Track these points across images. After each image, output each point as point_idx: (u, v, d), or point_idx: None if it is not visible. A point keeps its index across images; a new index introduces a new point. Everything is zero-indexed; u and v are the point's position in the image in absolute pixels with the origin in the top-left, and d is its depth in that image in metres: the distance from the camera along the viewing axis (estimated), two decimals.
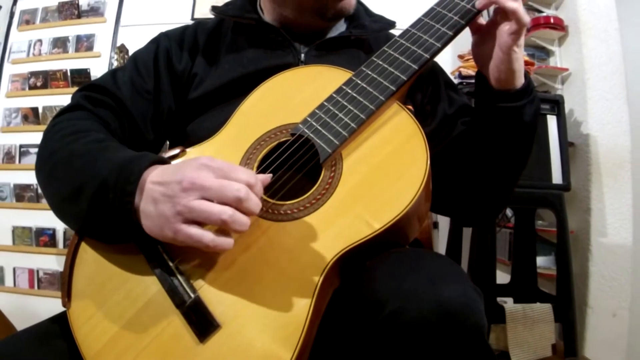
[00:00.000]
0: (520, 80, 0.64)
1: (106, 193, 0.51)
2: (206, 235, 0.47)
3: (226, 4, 0.80)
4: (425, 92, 0.76)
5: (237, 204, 0.47)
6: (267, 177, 0.52)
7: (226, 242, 0.48)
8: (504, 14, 0.62)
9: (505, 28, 0.61)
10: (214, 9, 0.78)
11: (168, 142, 0.77)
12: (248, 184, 0.48)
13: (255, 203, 0.48)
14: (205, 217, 0.47)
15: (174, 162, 0.59)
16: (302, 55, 0.75)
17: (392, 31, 0.81)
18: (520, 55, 0.62)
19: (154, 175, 0.51)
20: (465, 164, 0.67)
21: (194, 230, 0.47)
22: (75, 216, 0.56)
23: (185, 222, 0.47)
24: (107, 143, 0.59)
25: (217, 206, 0.47)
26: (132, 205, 0.50)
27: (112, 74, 0.73)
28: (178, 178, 0.48)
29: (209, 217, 0.46)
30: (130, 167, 0.52)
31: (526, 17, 0.60)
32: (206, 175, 0.47)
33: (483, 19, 0.66)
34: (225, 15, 0.78)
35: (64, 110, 0.68)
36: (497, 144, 0.66)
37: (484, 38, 0.66)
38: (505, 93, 0.63)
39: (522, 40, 0.61)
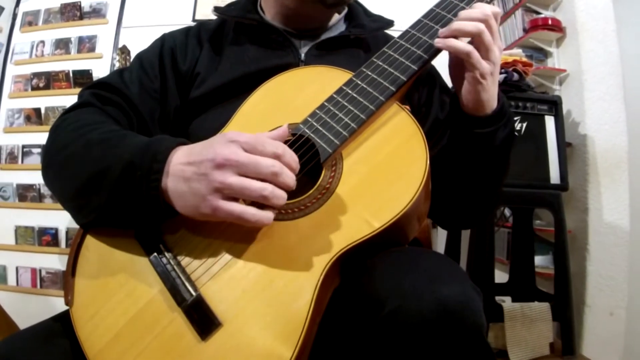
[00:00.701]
0: (490, 108, 0.62)
1: (133, 172, 0.51)
2: (248, 211, 0.48)
3: (228, 5, 0.81)
4: (421, 95, 0.76)
5: (273, 179, 0.48)
6: (284, 129, 0.53)
7: (267, 216, 0.48)
8: None
9: (465, 62, 0.59)
10: (217, 9, 0.79)
11: None
12: (276, 155, 0.48)
13: (289, 176, 0.49)
14: (247, 194, 0.47)
15: None
16: (303, 55, 0.75)
17: (391, 32, 0.81)
18: (489, 85, 0.60)
19: (181, 156, 0.51)
20: (445, 175, 0.66)
21: (236, 207, 0.48)
22: (94, 205, 0.54)
23: (224, 199, 0.48)
24: (125, 131, 0.59)
25: (257, 183, 0.47)
26: (160, 183, 0.50)
27: (119, 73, 0.73)
28: (210, 156, 0.48)
29: (251, 193, 0.47)
30: (156, 147, 0.52)
31: (465, 49, 0.58)
32: (237, 151, 0.48)
33: None
34: (227, 15, 0.79)
35: (73, 107, 0.67)
36: (470, 164, 0.65)
37: (457, 62, 0.63)
38: (475, 119, 0.62)
39: (485, 70, 0.58)
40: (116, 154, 0.53)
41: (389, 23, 0.81)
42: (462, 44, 0.58)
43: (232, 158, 0.47)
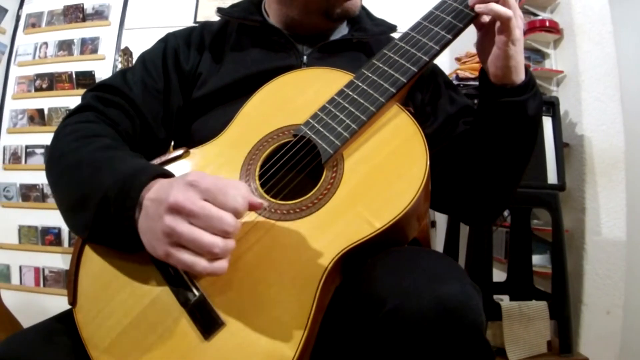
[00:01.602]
0: (519, 77, 0.63)
1: (108, 206, 0.51)
2: (199, 263, 0.45)
3: (231, 6, 0.81)
4: (425, 94, 0.76)
5: (225, 236, 0.45)
6: (260, 202, 0.47)
7: (219, 267, 0.45)
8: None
9: (499, 26, 0.61)
10: (220, 10, 0.79)
11: (173, 142, 0.77)
12: (235, 211, 0.45)
13: (238, 230, 0.46)
14: (196, 247, 0.44)
15: (177, 162, 0.59)
16: (305, 57, 0.75)
17: (392, 34, 0.81)
18: (517, 52, 0.61)
19: (152, 192, 0.49)
20: (469, 162, 0.66)
21: (186, 257, 0.45)
22: (83, 226, 0.55)
23: (175, 246, 0.45)
24: (113, 152, 0.59)
25: (208, 237, 0.44)
26: (133, 220, 0.50)
27: (122, 74, 0.72)
28: (165, 196, 0.46)
29: (200, 248, 0.44)
30: (130, 181, 0.51)
31: (507, 13, 0.59)
32: (192, 197, 0.45)
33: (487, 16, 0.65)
34: (230, 16, 0.78)
35: (75, 111, 0.67)
36: (501, 139, 0.65)
37: (485, 34, 0.66)
38: (504, 88, 0.63)
39: (516, 37, 0.60)
40: (97, 182, 0.53)
41: (392, 27, 0.80)
42: (504, 8, 0.59)
43: (186, 206, 0.44)
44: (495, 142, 0.66)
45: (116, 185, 0.51)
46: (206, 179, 0.46)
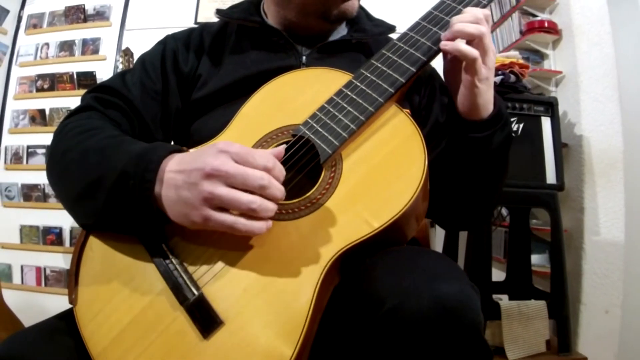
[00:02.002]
0: (486, 112, 0.61)
1: (126, 181, 0.51)
2: (239, 221, 0.47)
3: (231, 7, 0.80)
4: (422, 97, 0.75)
5: (261, 191, 0.47)
6: (280, 150, 0.52)
7: (258, 225, 0.48)
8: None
9: (465, 65, 0.59)
10: (219, 12, 0.78)
11: (173, 142, 0.77)
12: (266, 168, 0.48)
13: (277, 189, 0.48)
14: (235, 206, 0.47)
15: None
16: (304, 57, 0.75)
17: (391, 35, 0.81)
18: (485, 90, 0.59)
19: (173, 164, 0.51)
20: (444, 178, 0.65)
21: (226, 217, 0.47)
22: (92, 210, 0.55)
23: (213, 208, 0.48)
24: (121, 137, 0.59)
25: (246, 195, 0.47)
26: (152, 192, 0.50)
27: (121, 76, 0.73)
28: (199, 165, 0.48)
29: (239, 206, 0.47)
30: (148, 156, 0.52)
31: (472, 54, 0.57)
32: (226, 161, 0.48)
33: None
34: (229, 18, 0.78)
35: (75, 111, 0.67)
36: (467, 167, 0.65)
37: (453, 67, 0.63)
38: (471, 123, 0.62)
39: (484, 75, 0.58)
40: (111, 163, 0.53)
41: (391, 28, 0.80)
42: (471, 48, 0.57)
43: (222, 169, 0.47)
44: (463, 168, 0.65)
45: (132, 161, 0.52)
46: (234, 145, 0.49)
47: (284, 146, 0.54)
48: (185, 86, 0.74)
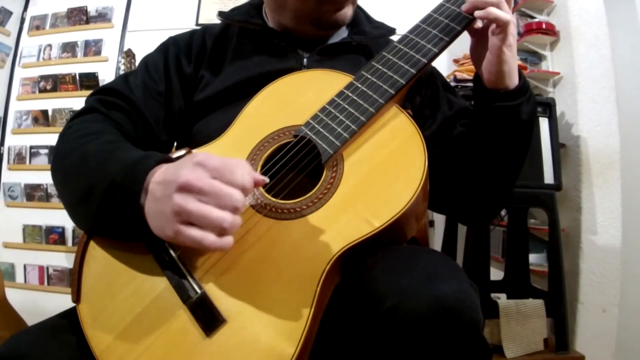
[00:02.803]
0: (512, 81, 0.63)
1: (114, 192, 0.51)
2: (207, 238, 0.45)
3: (232, 10, 0.81)
4: (424, 96, 0.76)
5: (233, 211, 0.46)
6: (263, 179, 0.49)
7: (227, 242, 0.46)
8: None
9: (493, 30, 0.61)
10: (221, 14, 0.78)
11: (176, 143, 0.78)
12: (243, 188, 0.46)
13: (245, 207, 0.47)
14: (205, 223, 0.45)
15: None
16: (305, 60, 0.75)
17: (391, 37, 0.81)
18: (510, 57, 0.61)
19: (157, 175, 0.50)
20: (465, 164, 0.66)
21: (195, 232, 0.45)
22: (87, 216, 0.55)
23: (184, 224, 0.46)
24: (118, 144, 0.59)
25: (217, 212, 0.45)
26: (139, 204, 0.50)
27: (124, 77, 0.73)
28: (174, 177, 0.47)
29: (210, 223, 0.45)
30: (137, 167, 0.51)
31: (506, 17, 0.59)
32: (202, 176, 0.46)
33: (480, 22, 0.66)
34: (231, 20, 0.78)
35: (79, 114, 0.67)
36: (496, 141, 0.65)
37: (479, 40, 0.66)
38: (498, 92, 0.63)
39: (510, 42, 0.61)
40: (103, 171, 0.53)
41: (391, 30, 0.80)
42: (503, 12, 0.59)
43: (195, 184, 0.45)
44: (490, 144, 0.66)
45: (122, 171, 0.51)
46: (213, 159, 0.47)
47: (266, 179, 0.51)
48: (187, 87, 0.74)
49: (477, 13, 0.61)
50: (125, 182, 0.51)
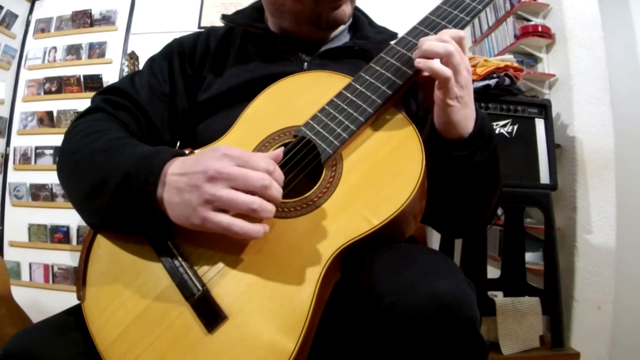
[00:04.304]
0: (465, 130, 0.59)
1: (129, 184, 0.51)
2: (236, 223, 0.47)
3: (236, 13, 0.81)
4: (418, 100, 0.75)
5: (263, 191, 0.47)
6: (279, 153, 0.52)
7: (255, 229, 0.48)
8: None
9: (436, 84, 0.57)
10: (224, 17, 0.78)
11: (179, 143, 0.78)
12: (267, 170, 0.48)
13: (277, 190, 0.49)
14: (235, 207, 0.47)
15: None
16: (306, 64, 0.75)
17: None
18: (458, 108, 0.57)
19: (175, 167, 0.51)
20: (437, 190, 0.62)
21: (223, 218, 0.47)
22: (97, 210, 0.55)
23: (214, 210, 0.47)
24: (126, 140, 0.59)
25: (246, 196, 0.47)
26: (154, 195, 0.50)
27: (130, 78, 0.73)
28: (202, 168, 0.48)
29: (240, 206, 0.47)
30: (152, 159, 0.52)
31: (445, 74, 0.54)
32: (228, 164, 0.48)
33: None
34: (234, 23, 0.78)
35: (85, 113, 0.68)
36: (453, 183, 0.62)
37: (427, 86, 0.61)
38: (450, 142, 0.59)
39: (455, 94, 0.56)
40: (116, 165, 0.53)
41: (393, 35, 0.79)
42: (444, 67, 0.55)
43: (224, 171, 0.47)
44: (449, 183, 0.63)
45: (137, 164, 0.52)
46: (235, 149, 0.49)
47: (282, 149, 0.54)
48: (191, 88, 0.74)
49: (417, 63, 0.56)
50: (140, 174, 0.51)
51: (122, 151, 0.55)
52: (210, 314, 0.48)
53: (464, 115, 0.58)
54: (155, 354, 0.48)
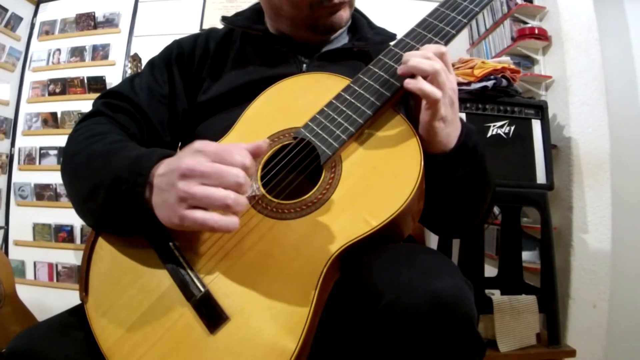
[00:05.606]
0: (447, 147, 0.58)
1: (119, 185, 0.51)
2: (210, 218, 0.46)
3: (236, 15, 0.80)
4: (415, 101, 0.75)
5: (238, 189, 0.46)
6: (261, 144, 0.49)
7: (231, 222, 0.46)
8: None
9: (424, 104, 0.56)
10: (224, 19, 0.78)
11: (180, 144, 0.78)
12: (243, 165, 0.47)
13: (249, 185, 0.47)
14: (209, 203, 0.46)
15: None
16: (305, 65, 0.74)
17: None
18: (442, 128, 0.56)
19: (160, 169, 0.50)
20: (428, 196, 0.61)
21: (198, 214, 0.46)
22: (93, 212, 0.55)
23: (189, 208, 0.46)
24: (123, 143, 0.60)
25: (220, 191, 0.46)
26: (143, 196, 0.50)
27: (130, 80, 0.73)
28: (176, 166, 0.48)
29: (213, 202, 0.46)
30: (141, 162, 0.52)
31: (434, 95, 0.54)
32: (202, 160, 0.47)
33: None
34: (234, 25, 0.78)
35: (86, 117, 0.68)
36: (439, 194, 0.61)
37: (417, 103, 0.60)
38: (432, 156, 0.58)
39: (442, 116, 0.55)
40: (110, 168, 0.53)
41: (392, 37, 0.78)
42: (434, 89, 0.54)
43: (197, 168, 0.46)
44: (436, 194, 0.61)
45: (127, 167, 0.52)
46: (211, 145, 0.48)
47: (266, 140, 0.51)
48: (191, 89, 0.74)
49: (406, 84, 0.55)
50: (129, 177, 0.51)
51: (117, 154, 0.55)
52: (211, 314, 0.48)
53: (447, 133, 0.58)
54: (158, 354, 0.48)
